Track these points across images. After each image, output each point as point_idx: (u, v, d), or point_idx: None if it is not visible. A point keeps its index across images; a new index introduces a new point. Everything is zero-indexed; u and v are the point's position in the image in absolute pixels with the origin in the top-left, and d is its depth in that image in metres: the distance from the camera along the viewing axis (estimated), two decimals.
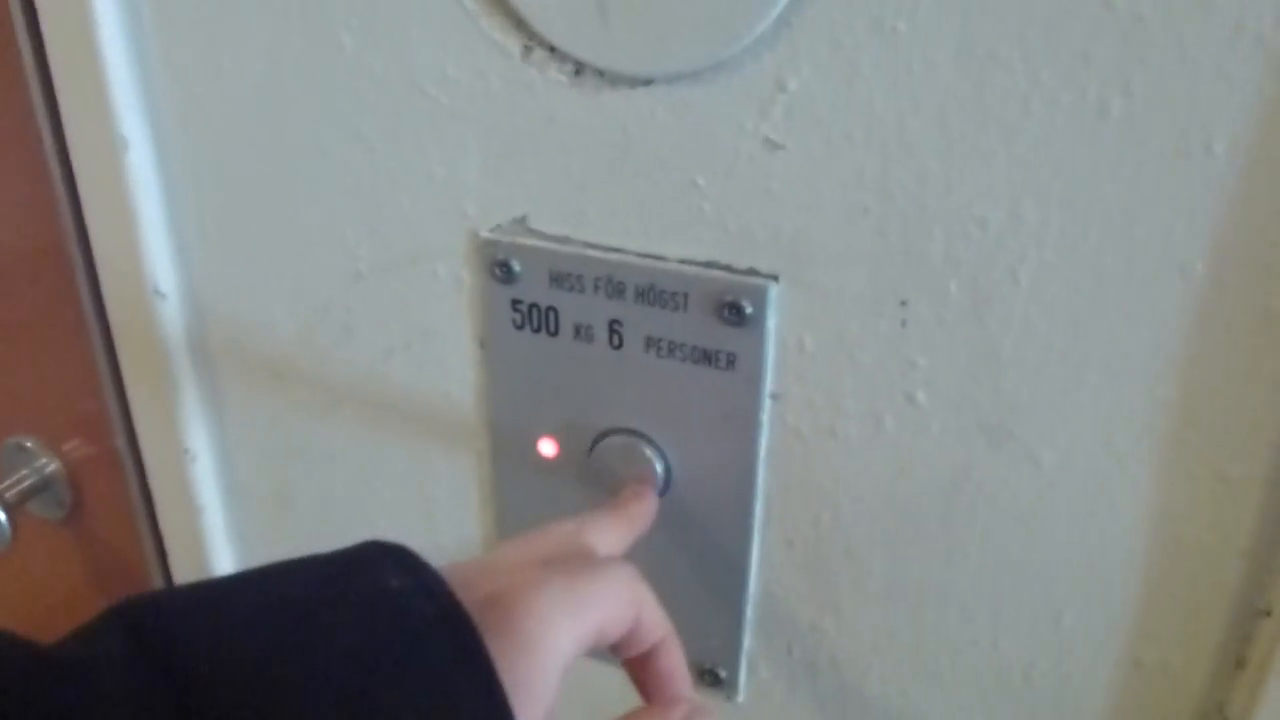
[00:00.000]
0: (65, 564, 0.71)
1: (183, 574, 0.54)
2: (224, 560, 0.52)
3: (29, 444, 0.67)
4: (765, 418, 0.38)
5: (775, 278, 0.36)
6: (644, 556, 0.42)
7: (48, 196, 0.55)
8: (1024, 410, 0.34)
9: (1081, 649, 0.38)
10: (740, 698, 0.44)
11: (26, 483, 0.67)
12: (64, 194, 0.54)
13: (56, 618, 0.73)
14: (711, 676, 0.44)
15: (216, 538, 0.52)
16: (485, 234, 0.39)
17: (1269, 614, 0.34)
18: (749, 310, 0.36)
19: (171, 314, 0.46)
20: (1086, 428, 0.34)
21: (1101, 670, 0.38)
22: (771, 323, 0.36)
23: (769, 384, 0.37)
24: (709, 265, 0.36)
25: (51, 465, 0.67)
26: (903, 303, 0.34)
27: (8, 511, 0.65)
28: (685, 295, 0.37)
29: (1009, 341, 0.34)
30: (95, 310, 0.58)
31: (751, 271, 0.36)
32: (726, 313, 0.36)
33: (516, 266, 0.39)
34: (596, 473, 0.41)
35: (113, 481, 0.65)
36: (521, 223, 0.38)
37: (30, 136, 0.51)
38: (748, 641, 0.43)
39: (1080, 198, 0.31)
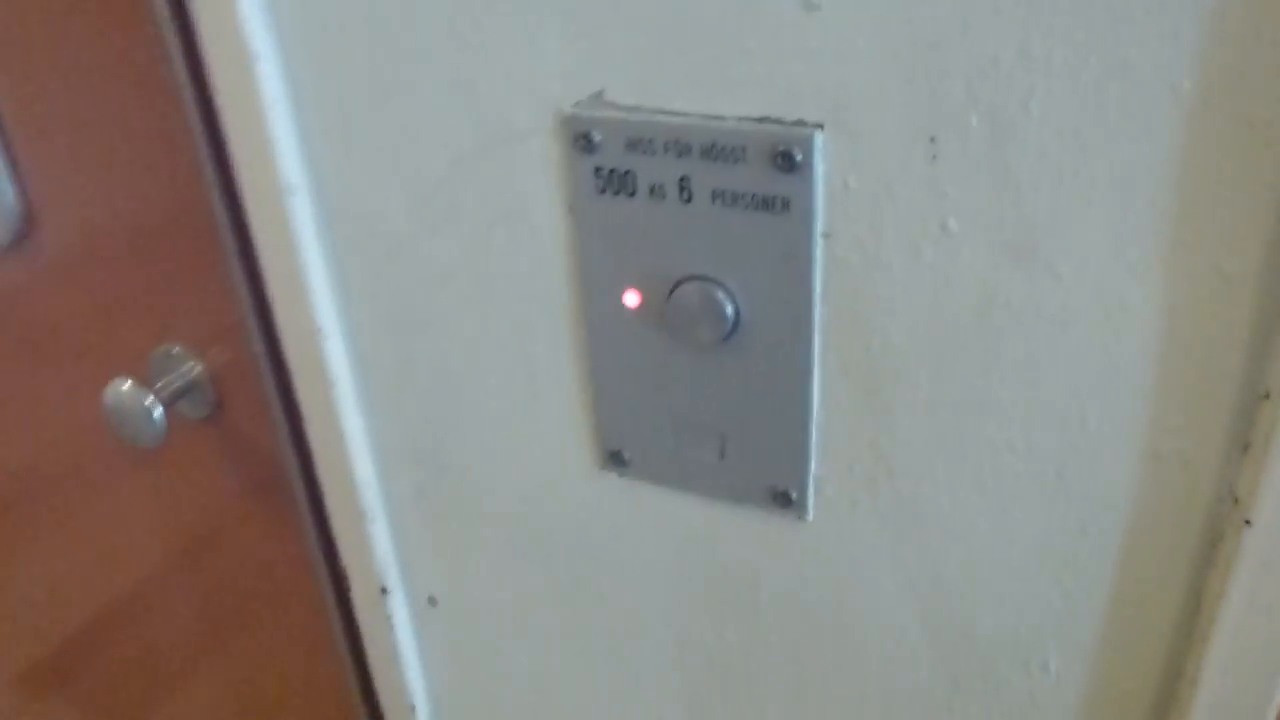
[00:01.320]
0: (212, 458, 0.80)
1: (320, 445, 0.62)
2: (355, 428, 0.60)
3: (176, 350, 0.76)
4: (819, 254, 0.43)
5: (820, 126, 0.41)
6: (719, 394, 0.48)
7: (181, 125, 0.63)
8: (1043, 228, 0.39)
9: (1107, 446, 0.42)
10: (810, 516, 0.50)
11: (175, 385, 0.76)
12: (197, 117, 0.62)
13: (207, 505, 0.82)
14: (784, 499, 0.50)
15: (348, 408, 0.59)
16: (568, 110, 0.45)
17: (1268, 397, 0.39)
18: (799, 157, 0.41)
19: (302, 207, 0.53)
20: (1098, 240, 0.39)
21: (1125, 464, 0.42)
22: (819, 168, 0.42)
23: (820, 224, 0.43)
24: (762, 120, 0.42)
25: (197, 368, 0.76)
26: (931, 139, 0.39)
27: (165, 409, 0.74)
28: (743, 149, 0.42)
29: (1026, 166, 0.38)
30: (231, 223, 0.65)
31: (799, 123, 0.41)
32: (780, 161, 0.42)
33: (596, 137, 0.45)
34: (675, 317, 0.47)
35: (250, 381, 0.73)
36: (599, 97, 0.44)
37: (159, 58, 0.59)
38: (814, 464, 0.49)
39: (1078, 32, 0.36)
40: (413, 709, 0.71)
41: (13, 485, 0.93)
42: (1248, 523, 0.40)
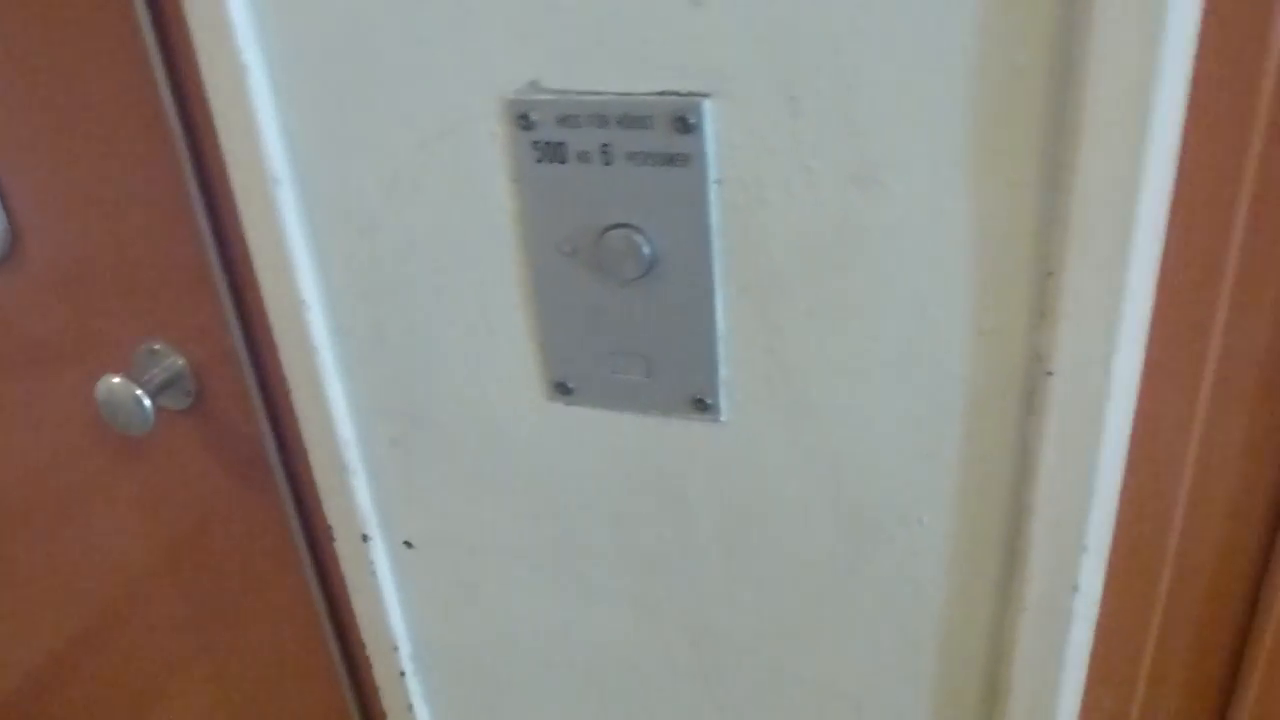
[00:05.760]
0: (194, 444, 0.89)
1: (305, 410, 0.72)
2: (336, 391, 0.70)
3: (158, 346, 0.85)
4: (713, 198, 0.56)
5: (708, 95, 0.53)
6: (643, 322, 0.60)
7: (162, 136, 0.72)
8: (880, 161, 0.52)
9: (944, 328, 0.55)
10: (724, 418, 0.62)
11: (159, 379, 0.85)
12: (179, 128, 0.72)
13: (191, 487, 0.91)
14: (701, 405, 0.62)
15: (329, 373, 0.69)
16: (510, 96, 0.56)
17: (1051, 274, 0.52)
18: (693, 121, 0.54)
19: (286, 196, 0.64)
20: (920, 166, 0.51)
21: (959, 341, 0.55)
22: (709, 128, 0.54)
23: (713, 173, 0.55)
24: (664, 94, 0.54)
25: (179, 362, 0.85)
26: (792, 98, 0.52)
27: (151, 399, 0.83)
28: (651, 117, 0.55)
29: (862, 114, 0.51)
30: (211, 225, 0.75)
31: (692, 94, 0.54)
32: (679, 125, 0.54)
33: (534, 116, 0.57)
34: (603, 260, 0.59)
35: (229, 370, 0.83)
36: (535, 84, 0.56)
37: (141, 74, 0.69)
38: (723, 372, 0.61)
39: (889, 19, 0.48)
40: (395, 649, 0.81)
41: (11, 489, 1.00)
42: (1049, 374, 0.54)
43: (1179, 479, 0.60)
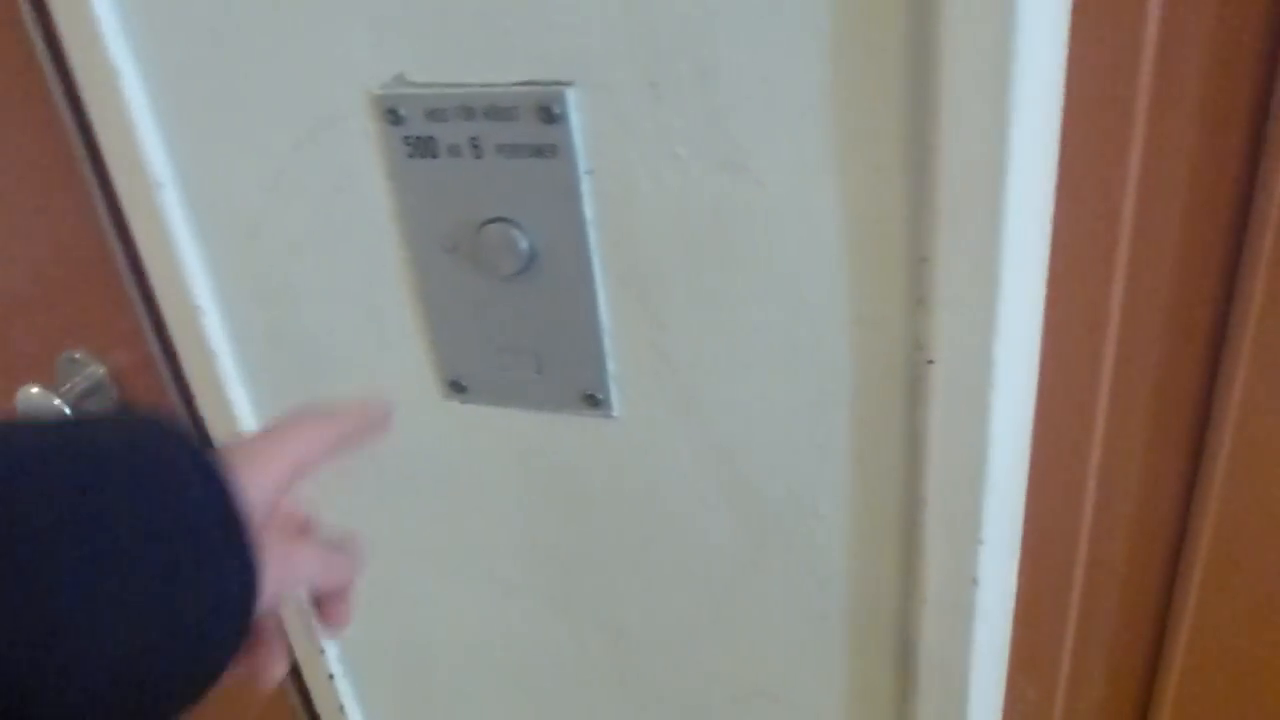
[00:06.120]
0: None
1: (210, 415, 0.71)
2: (239, 396, 0.69)
3: (78, 355, 0.85)
4: (586, 189, 0.54)
5: (570, 84, 0.52)
6: (528, 318, 0.59)
7: (62, 144, 0.71)
8: (746, 146, 0.50)
9: (822, 316, 0.54)
10: (615, 413, 0.61)
11: (80, 387, 0.84)
12: (77, 136, 0.71)
13: None
14: (592, 400, 0.60)
15: (230, 378, 0.69)
16: (377, 91, 0.55)
17: (926, 260, 0.50)
18: (557, 110, 0.52)
19: (171, 199, 0.63)
20: (786, 149, 0.50)
21: (838, 329, 0.54)
22: (574, 117, 0.53)
23: (583, 163, 0.54)
24: (527, 84, 0.53)
25: (99, 371, 0.84)
26: (653, 84, 0.51)
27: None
28: (516, 108, 0.53)
29: (723, 99, 0.50)
30: (118, 235, 0.74)
31: (554, 82, 0.52)
32: (543, 115, 0.53)
33: (402, 111, 0.55)
34: (483, 255, 0.57)
35: (148, 377, 0.82)
36: (401, 78, 0.55)
37: (36, 84, 0.68)
38: (611, 367, 0.59)
39: (743, 2, 0.47)
40: (322, 652, 0.80)
41: None
42: (930, 362, 0.52)
43: (1086, 468, 0.59)
